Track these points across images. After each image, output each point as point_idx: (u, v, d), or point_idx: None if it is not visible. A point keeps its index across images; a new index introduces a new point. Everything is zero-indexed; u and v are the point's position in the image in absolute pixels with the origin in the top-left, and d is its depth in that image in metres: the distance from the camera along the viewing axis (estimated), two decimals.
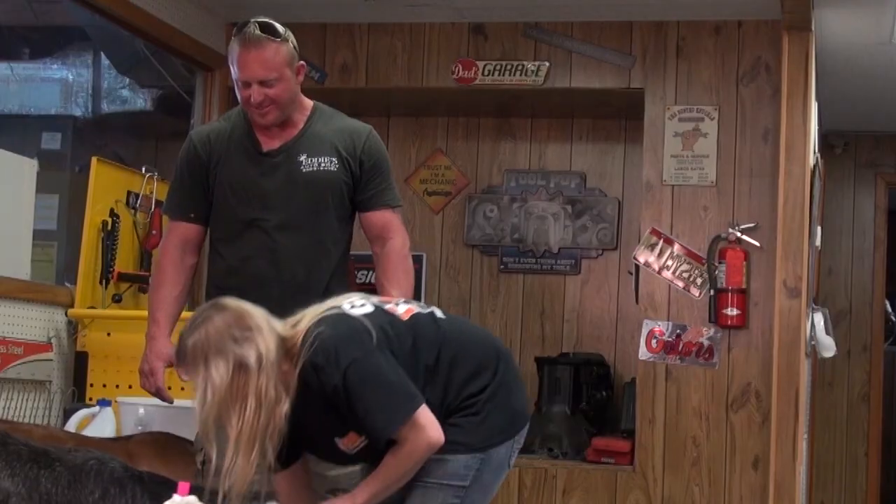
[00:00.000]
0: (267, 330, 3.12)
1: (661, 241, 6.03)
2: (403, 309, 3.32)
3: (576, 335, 6.75)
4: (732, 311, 5.88)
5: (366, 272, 6.89)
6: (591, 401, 6.45)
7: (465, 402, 3.27)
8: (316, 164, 3.97)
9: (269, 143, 3.99)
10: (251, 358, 3.05)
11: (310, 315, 3.21)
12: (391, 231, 4.13)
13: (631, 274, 6.29)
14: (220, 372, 3.04)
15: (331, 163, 3.99)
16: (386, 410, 3.12)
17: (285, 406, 3.09)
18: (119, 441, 4.26)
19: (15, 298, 4.94)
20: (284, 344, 3.13)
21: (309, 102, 4.09)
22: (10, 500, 3.16)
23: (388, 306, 3.32)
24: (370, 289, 6.90)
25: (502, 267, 6.85)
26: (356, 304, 3.26)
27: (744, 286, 5.90)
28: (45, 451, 3.29)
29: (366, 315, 3.22)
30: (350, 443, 3.22)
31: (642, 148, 6.15)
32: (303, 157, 3.98)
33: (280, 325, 3.18)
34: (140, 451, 4.10)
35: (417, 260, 6.82)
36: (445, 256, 6.91)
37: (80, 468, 3.24)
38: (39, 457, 3.26)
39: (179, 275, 4.06)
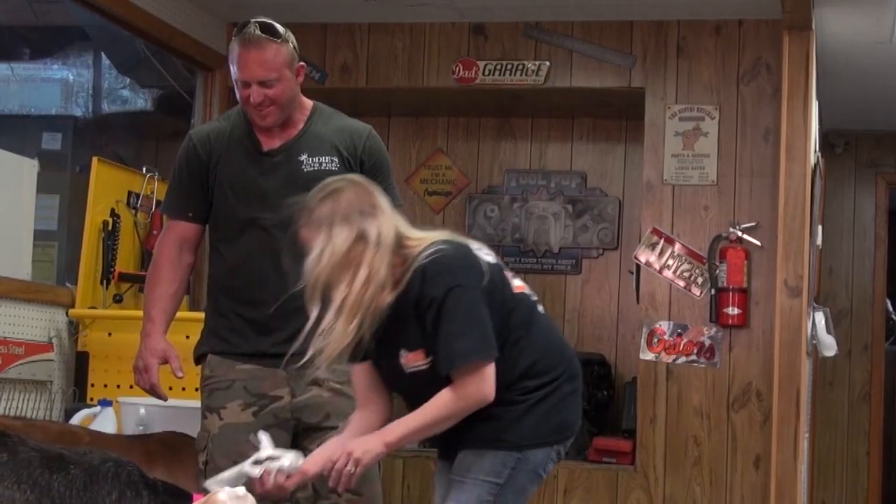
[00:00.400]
0: (390, 217, 3.25)
1: (661, 241, 6.03)
2: (517, 283, 3.38)
3: (577, 335, 6.75)
4: (733, 311, 5.88)
5: None
6: (592, 400, 6.44)
7: (516, 393, 3.29)
8: (317, 164, 3.96)
9: (270, 143, 3.99)
10: (372, 233, 3.19)
11: (438, 233, 3.31)
12: None
13: (632, 273, 6.29)
14: (341, 237, 3.18)
15: (332, 162, 3.97)
16: (466, 343, 3.19)
17: (389, 296, 3.20)
18: (137, 439, 4.26)
19: (16, 299, 4.94)
20: (401, 241, 3.24)
21: (309, 102, 4.08)
22: None
23: (506, 270, 3.38)
24: None
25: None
26: (483, 250, 3.33)
27: (745, 285, 5.90)
28: (59, 454, 3.28)
29: (487, 262, 3.28)
30: (413, 360, 3.25)
31: (643, 147, 6.15)
32: (304, 157, 3.97)
33: (403, 224, 3.29)
34: (158, 450, 4.11)
35: None
36: None
37: (96, 469, 3.23)
38: (52, 461, 3.24)
39: (176, 273, 4.04)
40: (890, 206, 8.33)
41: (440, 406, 3.22)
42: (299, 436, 3.93)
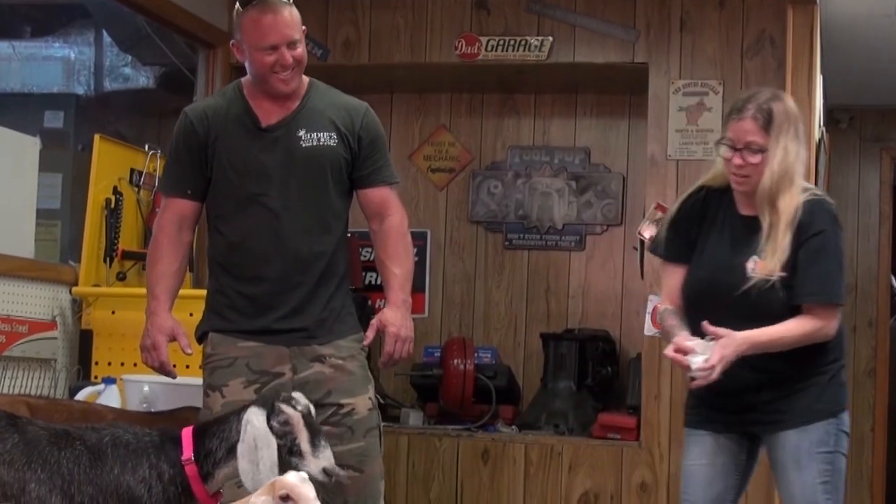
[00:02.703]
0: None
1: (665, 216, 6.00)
2: None
3: (581, 311, 6.74)
4: None
5: (370, 249, 6.88)
6: (596, 377, 6.44)
7: (822, 366, 3.72)
8: (315, 139, 3.96)
9: (268, 119, 3.98)
10: (802, 155, 3.75)
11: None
12: (390, 208, 4.13)
13: (636, 249, 6.27)
14: (795, 146, 3.69)
15: (330, 138, 3.98)
16: (840, 284, 3.67)
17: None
18: (160, 415, 4.26)
19: (19, 277, 4.93)
20: None
21: (305, 78, 4.06)
22: (29, 486, 3.17)
23: None
24: (375, 266, 6.93)
25: (507, 243, 6.84)
26: None
27: None
28: (65, 431, 3.31)
29: None
30: (762, 269, 3.64)
31: (647, 123, 6.13)
32: (302, 133, 3.96)
33: None
34: (183, 426, 4.09)
35: (421, 237, 6.83)
36: (450, 233, 6.89)
37: (97, 446, 3.27)
38: (60, 438, 3.27)
39: (177, 250, 4.03)
40: (894, 182, 8.31)
41: (802, 327, 3.61)
42: None
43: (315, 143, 3.96)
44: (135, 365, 4.77)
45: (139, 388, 4.53)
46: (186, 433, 3.31)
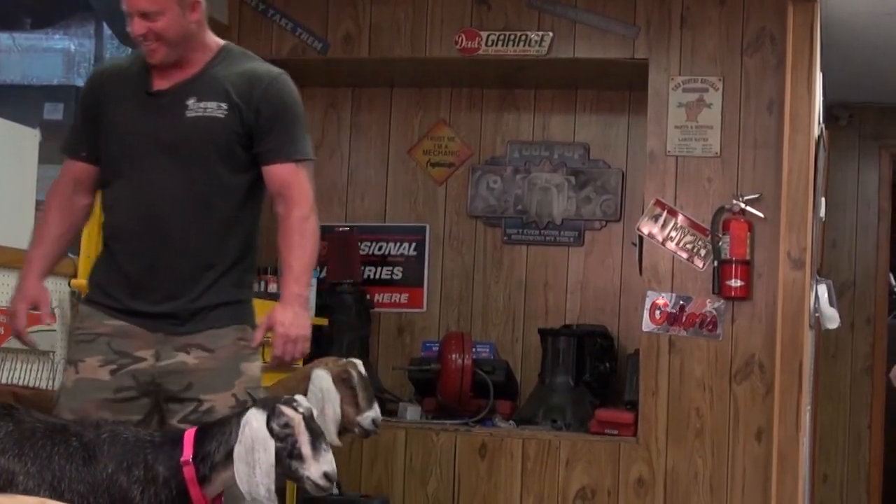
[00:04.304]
0: None
1: (664, 213, 6.02)
2: None
3: (579, 307, 6.75)
4: (736, 283, 5.87)
5: (370, 243, 6.89)
6: (594, 372, 6.45)
7: None
8: (202, 110, 3.66)
9: (160, 84, 3.70)
10: None
11: None
12: (292, 188, 3.72)
13: (634, 245, 6.28)
14: None
15: (219, 108, 3.66)
16: None
17: None
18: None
19: (17, 268, 4.91)
20: None
21: (218, 43, 3.78)
22: (17, 478, 3.14)
23: None
24: (376, 260, 6.94)
25: (506, 238, 6.84)
26: None
27: (748, 257, 5.89)
28: (62, 426, 3.27)
29: None
30: None
31: (646, 119, 6.13)
32: (191, 101, 3.66)
33: None
34: None
35: (420, 231, 6.84)
36: (449, 228, 6.89)
37: (93, 443, 3.22)
38: (56, 433, 3.23)
39: (65, 216, 3.80)
40: (893, 179, 8.31)
41: None
42: (160, 405, 3.68)
43: (200, 114, 3.65)
44: None
45: None
46: (189, 434, 3.23)
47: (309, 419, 3.23)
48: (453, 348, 6.33)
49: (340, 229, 6.82)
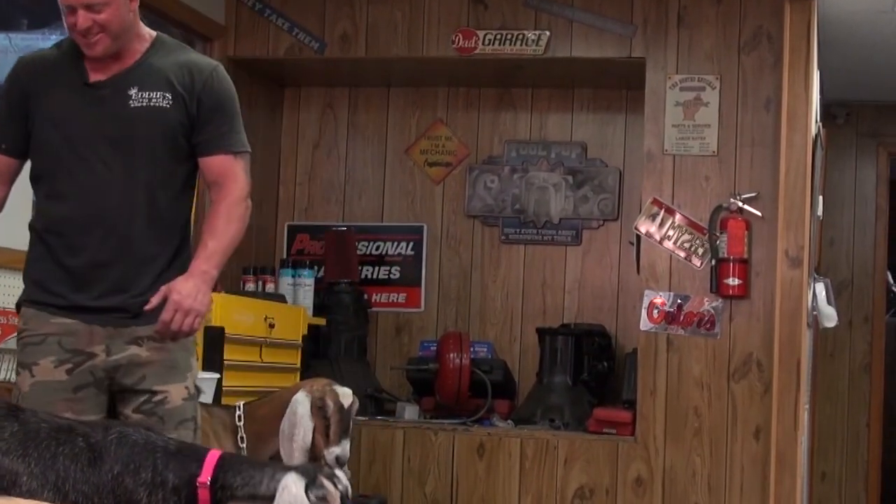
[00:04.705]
0: None
1: (662, 211, 6.02)
2: None
3: (577, 306, 6.74)
4: (734, 281, 5.87)
5: (367, 243, 6.89)
6: (592, 372, 6.45)
7: None
8: (146, 100, 3.62)
9: (97, 75, 3.64)
10: None
11: None
12: (228, 178, 3.69)
13: (632, 244, 6.28)
14: None
15: (163, 98, 3.63)
16: None
17: None
18: None
19: (15, 269, 4.91)
20: None
21: (150, 33, 3.74)
22: (21, 479, 3.11)
23: None
24: (373, 260, 6.94)
25: (503, 238, 6.83)
26: None
27: (745, 256, 5.89)
28: (69, 426, 3.21)
29: None
30: None
31: (643, 117, 6.13)
32: (133, 91, 3.62)
33: None
34: None
35: (418, 231, 6.84)
36: (446, 227, 6.89)
37: (100, 444, 3.16)
38: (61, 433, 3.16)
39: None
40: (891, 177, 8.30)
41: None
42: (115, 398, 3.66)
43: (146, 104, 3.61)
44: None
45: None
46: (212, 456, 3.15)
47: (344, 498, 3.17)
48: (451, 348, 6.32)
49: (338, 229, 6.82)
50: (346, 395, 4.20)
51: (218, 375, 4.68)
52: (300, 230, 6.97)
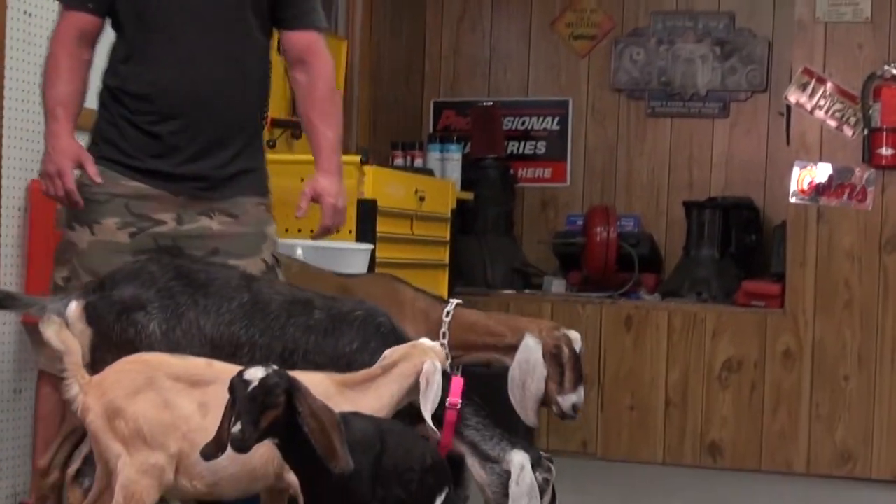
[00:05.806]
0: None
1: (813, 81, 5.91)
2: None
3: (724, 179, 6.70)
4: (887, 151, 5.76)
5: (512, 118, 6.90)
6: (739, 244, 6.42)
7: None
8: None
9: None
10: None
11: None
12: (317, 56, 3.64)
13: (782, 115, 6.18)
14: None
15: None
16: None
17: None
18: (356, 278, 4.14)
19: None
20: None
21: None
22: (244, 350, 3.06)
23: None
24: (519, 135, 6.94)
25: (649, 111, 6.79)
26: None
27: None
28: (307, 299, 3.16)
29: None
30: None
31: None
32: None
33: None
34: (358, 287, 3.92)
35: (563, 105, 6.82)
36: (592, 101, 6.86)
37: (343, 316, 3.13)
38: (295, 305, 3.13)
39: (76, 70, 3.52)
40: None
41: None
42: None
43: None
44: (286, 230, 4.83)
45: (292, 251, 4.58)
46: (458, 380, 3.10)
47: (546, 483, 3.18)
48: (598, 221, 6.33)
49: (483, 104, 6.84)
50: (577, 339, 3.89)
51: (371, 246, 4.74)
52: (446, 106, 7.00)
